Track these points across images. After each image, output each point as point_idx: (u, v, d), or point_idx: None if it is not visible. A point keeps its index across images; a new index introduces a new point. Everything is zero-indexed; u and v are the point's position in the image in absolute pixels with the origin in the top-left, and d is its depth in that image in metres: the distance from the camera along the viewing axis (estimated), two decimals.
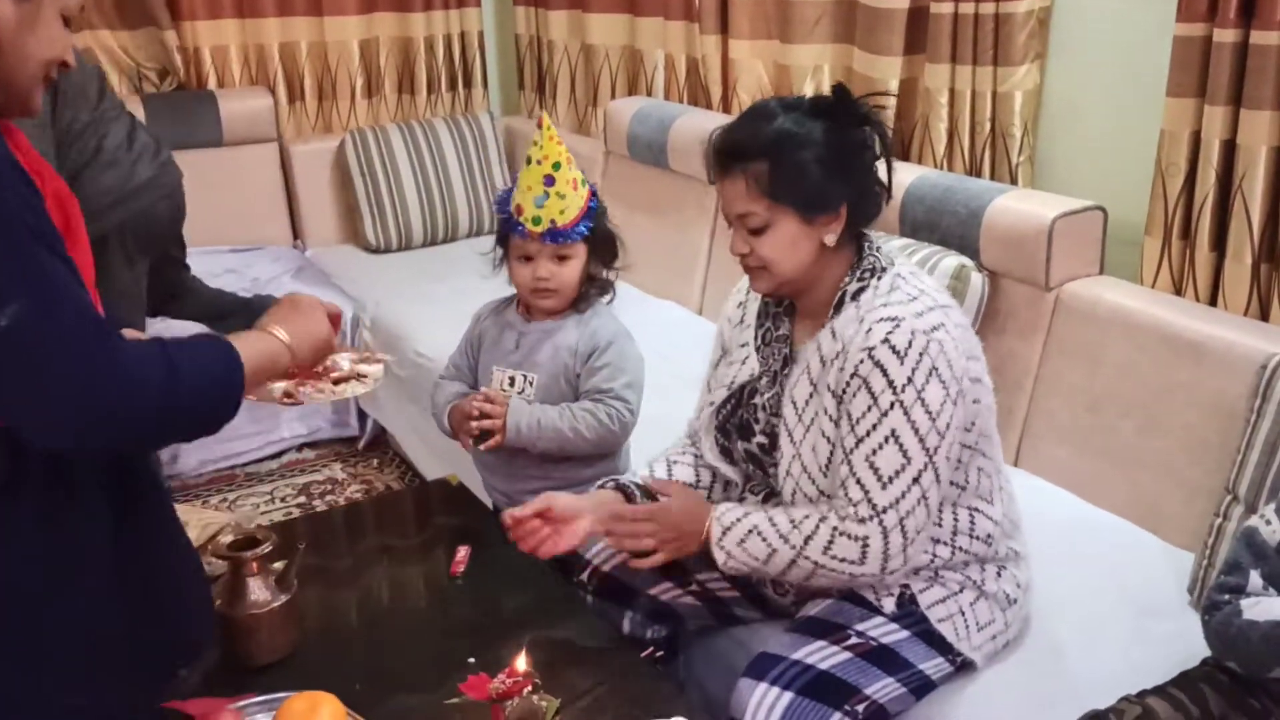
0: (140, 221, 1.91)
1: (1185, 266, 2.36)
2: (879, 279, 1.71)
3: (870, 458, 1.63)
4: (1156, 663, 1.68)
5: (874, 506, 1.63)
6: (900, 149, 2.97)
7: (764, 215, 1.68)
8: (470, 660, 1.62)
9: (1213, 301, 2.32)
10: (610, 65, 4.02)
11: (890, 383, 1.61)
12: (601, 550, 1.96)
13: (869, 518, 1.63)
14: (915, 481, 1.62)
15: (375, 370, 1.61)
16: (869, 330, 1.64)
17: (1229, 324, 2.18)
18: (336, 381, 1.56)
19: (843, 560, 1.65)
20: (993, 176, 2.77)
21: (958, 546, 1.75)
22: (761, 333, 1.86)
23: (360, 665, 1.66)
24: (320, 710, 1.45)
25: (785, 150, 1.66)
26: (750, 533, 1.71)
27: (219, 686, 1.57)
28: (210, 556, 1.76)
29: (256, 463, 3.61)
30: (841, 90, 1.72)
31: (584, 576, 1.96)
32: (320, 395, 1.54)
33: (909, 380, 1.61)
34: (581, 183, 2.06)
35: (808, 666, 1.65)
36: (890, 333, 1.62)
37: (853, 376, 1.64)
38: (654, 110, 3.62)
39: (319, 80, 4.24)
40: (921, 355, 1.61)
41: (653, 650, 1.93)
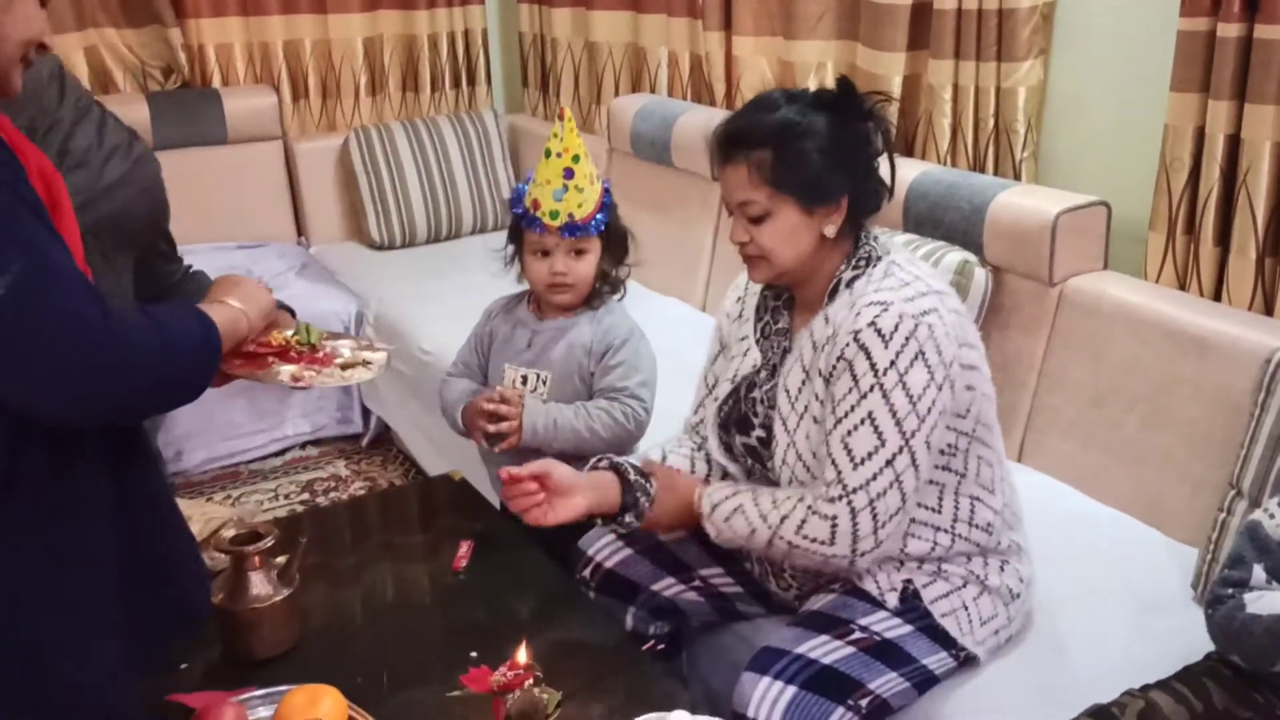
0: (117, 220, 1.88)
1: (1189, 261, 2.35)
2: (874, 267, 1.71)
3: (845, 438, 1.63)
4: (1160, 657, 1.67)
5: (844, 486, 1.63)
6: (904, 145, 2.97)
7: (765, 204, 1.68)
8: (472, 654, 1.61)
9: (1217, 296, 2.31)
10: (614, 62, 4.02)
11: (873, 365, 1.61)
12: (604, 546, 1.96)
13: (838, 498, 1.64)
14: (889, 464, 1.62)
15: (380, 357, 1.63)
16: (858, 314, 1.64)
17: (1233, 319, 2.18)
18: (344, 367, 1.57)
19: (814, 540, 1.66)
20: (996, 172, 2.76)
21: (958, 534, 1.74)
22: (761, 326, 1.86)
23: (362, 659, 1.66)
24: (322, 703, 1.45)
25: (788, 139, 1.66)
26: (736, 511, 1.74)
27: (220, 680, 1.58)
28: (212, 551, 1.76)
29: (260, 460, 3.61)
30: (846, 83, 1.72)
31: (586, 572, 1.96)
32: (329, 380, 1.56)
33: (892, 363, 1.60)
34: (596, 177, 2.06)
35: (811, 661, 1.65)
36: (878, 316, 1.62)
37: (839, 359, 1.65)
38: (657, 107, 3.62)
39: (323, 78, 4.24)
40: (908, 339, 1.61)
41: (654, 644, 1.93)
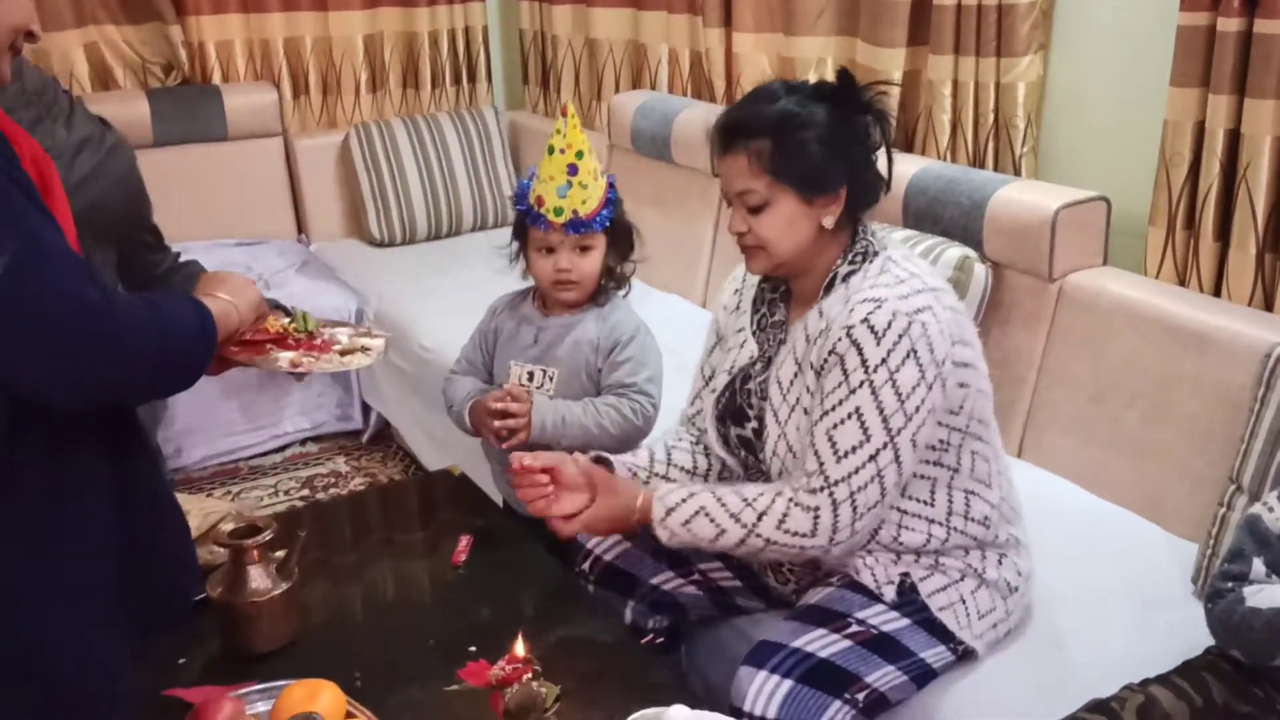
0: (91, 213, 1.86)
1: (1189, 257, 2.35)
2: (870, 262, 1.71)
3: (831, 431, 1.63)
4: (1159, 652, 1.67)
5: (826, 478, 1.63)
6: (904, 140, 2.96)
7: (764, 193, 1.68)
8: (471, 649, 1.61)
9: (1217, 292, 2.31)
10: (614, 59, 4.02)
11: (864, 361, 1.61)
12: (603, 540, 1.96)
13: (820, 489, 1.64)
14: (872, 459, 1.62)
15: (378, 343, 1.64)
16: (852, 310, 1.64)
17: (1233, 314, 2.18)
18: (342, 354, 1.58)
19: (796, 534, 1.65)
20: (996, 168, 2.76)
21: (953, 528, 1.74)
22: (757, 318, 1.86)
23: (360, 653, 1.66)
24: (320, 698, 1.45)
25: (787, 129, 1.66)
26: (697, 514, 1.70)
27: (219, 675, 1.58)
28: (211, 545, 1.76)
29: (260, 456, 3.61)
30: (846, 76, 1.72)
31: (585, 566, 1.96)
32: (328, 365, 1.57)
33: (883, 361, 1.61)
34: (600, 173, 2.06)
35: (808, 654, 1.65)
36: (871, 313, 1.62)
37: (830, 353, 1.65)
38: (658, 104, 3.62)
39: (323, 75, 4.24)
40: (901, 336, 1.61)
41: (653, 638, 1.93)
